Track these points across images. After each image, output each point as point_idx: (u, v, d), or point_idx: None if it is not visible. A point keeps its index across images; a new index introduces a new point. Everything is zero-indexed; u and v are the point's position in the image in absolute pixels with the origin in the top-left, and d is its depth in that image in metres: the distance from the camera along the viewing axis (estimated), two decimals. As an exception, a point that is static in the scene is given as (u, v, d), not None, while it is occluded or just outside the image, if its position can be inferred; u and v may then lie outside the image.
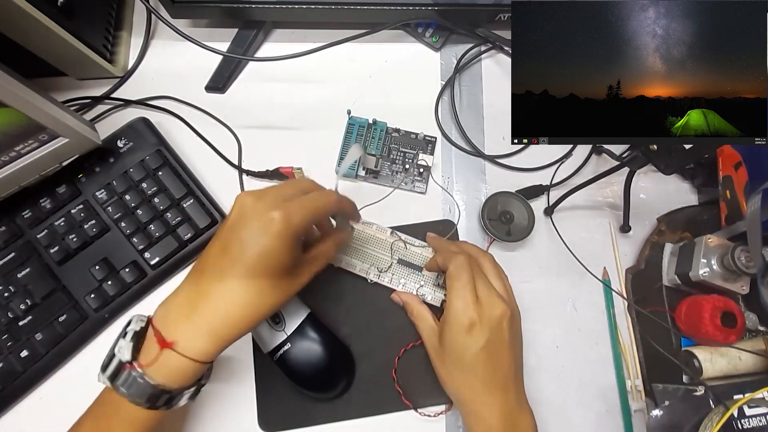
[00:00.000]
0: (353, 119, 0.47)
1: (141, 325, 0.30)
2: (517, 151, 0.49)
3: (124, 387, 0.29)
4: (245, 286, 0.29)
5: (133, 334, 0.30)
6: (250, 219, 0.29)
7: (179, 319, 0.30)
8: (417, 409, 0.41)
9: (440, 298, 0.42)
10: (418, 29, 0.51)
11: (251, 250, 0.29)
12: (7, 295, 0.40)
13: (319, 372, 0.39)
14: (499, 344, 0.35)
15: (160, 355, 0.29)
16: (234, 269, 0.29)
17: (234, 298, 0.29)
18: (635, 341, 0.43)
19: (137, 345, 0.29)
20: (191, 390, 0.31)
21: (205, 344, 0.29)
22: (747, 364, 0.40)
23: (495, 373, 0.35)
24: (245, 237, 0.29)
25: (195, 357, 0.29)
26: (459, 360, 0.35)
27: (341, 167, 0.39)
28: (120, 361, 0.29)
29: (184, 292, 0.31)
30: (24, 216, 0.42)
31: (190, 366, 0.29)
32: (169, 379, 0.29)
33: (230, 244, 0.30)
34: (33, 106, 0.33)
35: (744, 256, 0.38)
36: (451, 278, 0.36)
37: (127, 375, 0.29)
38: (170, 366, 0.29)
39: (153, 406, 0.29)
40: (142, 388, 0.29)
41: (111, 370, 0.29)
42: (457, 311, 0.35)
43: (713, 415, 0.36)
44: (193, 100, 0.49)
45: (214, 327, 0.29)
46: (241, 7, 0.46)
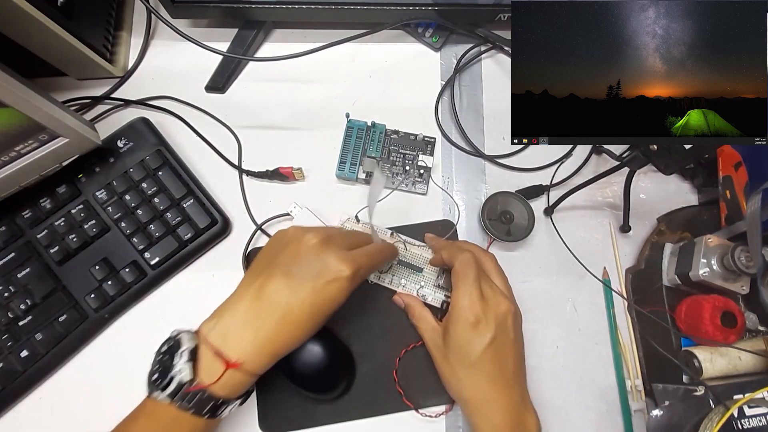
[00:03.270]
0: (352, 122, 0.47)
1: (193, 343, 0.31)
2: (517, 151, 0.49)
3: (186, 402, 0.30)
4: (308, 319, 0.32)
5: (189, 353, 0.31)
6: (324, 265, 0.32)
7: (242, 338, 0.31)
8: (418, 409, 0.41)
9: (440, 299, 0.42)
10: (418, 29, 0.51)
11: (319, 297, 0.32)
12: (7, 295, 0.40)
13: (319, 373, 0.39)
14: (505, 341, 0.35)
15: (224, 373, 0.30)
16: (300, 306, 0.32)
17: (296, 326, 0.32)
18: (635, 341, 0.43)
19: (194, 363, 0.31)
20: (243, 396, 0.33)
21: (265, 363, 0.32)
22: (747, 364, 0.40)
23: (501, 371, 0.35)
24: (318, 283, 0.32)
25: (257, 371, 0.32)
26: (464, 357, 0.35)
27: (370, 202, 0.37)
28: (181, 383, 0.30)
29: (242, 313, 0.32)
30: (24, 216, 0.42)
31: (251, 380, 0.32)
32: (231, 392, 0.31)
33: (299, 283, 0.32)
34: (33, 106, 0.33)
35: (744, 256, 0.38)
36: (457, 276, 0.36)
37: (192, 394, 0.30)
38: (234, 382, 0.31)
39: (213, 415, 0.31)
40: (207, 402, 0.30)
41: (172, 389, 0.30)
42: (464, 308, 0.35)
43: (713, 415, 0.36)
44: (193, 100, 0.49)
45: (275, 349, 0.32)
46: (241, 7, 0.46)
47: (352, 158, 0.46)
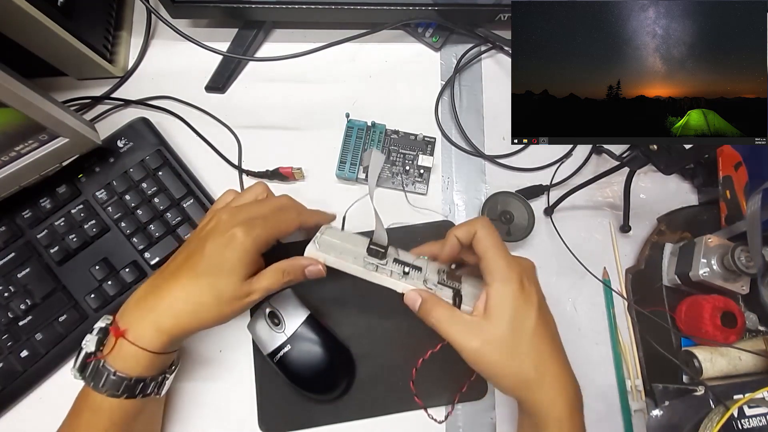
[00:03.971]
0: (352, 122, 0.47)
1: (107, 322, 0.33)
2: (517, 151, 0.49)
3: (90, 377, 0.31)
4: (196, 288, 0.32)
5: (98, 329, 0.32)
6: (217, 233, 0.33)
7: (133, 310, 0.32)
8: (426, 409, 0.41)
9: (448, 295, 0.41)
10: (418, 29, 0.51)
11: (209, 259, 0.32)
12: (7, 295, 0.40)
13: (319, 373, 0.39)
14: (542, 299, 0.33)
15: (115, 343, 0.31)
16: (190, 272, 0.32)
17: (183, 296, 0.32)
18: (635, 341, 0.43)
19: (102, 339, 0.32)
20: (155, 381, 0.33)
21: (150, 335, 0.31)
22: (747, 364, 0.39)
23: (554, 335, 0.32)
24: (208, 247, 0.32)
25: (143, 346, 0.31)
26: (522, 334, 0.31)
27: (370, 180, 0.37)
28: (86, 354, 0.31)
29: (142, 289, 0.33)
30: (24, 216, 0.42)
31: (143, 355, 0.31)
32: (125, 366, 0.31)
33: (194, 253, 0.33)
34: (33, 106, 0.33)
35: (744, 256, 0.38)
36: (482, 242, 0.32)
37: (92, 366, 0.31)
38: (126, 355, 0.31)
39: (115, 394, 0.31)
40: (104, 376, 0.31)
41: (79, 363, 0.32)
42: (505, 269, 0.31)
43: (713, 415, 0.36)
44: (193, 100, 0.49)
45: (159, 320, 0.31)
46: (241, 7, 0.46)
47: (352, 158, 0.46)
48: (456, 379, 0.42)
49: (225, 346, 0.42)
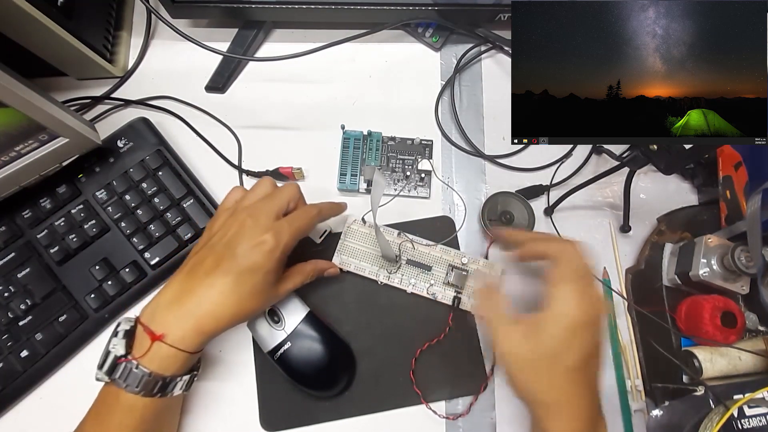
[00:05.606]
0: (348, 133, 0.47)
1: (130, 325, 0.33)
2: (517, 151, 0.49)
3: (121, 378, 0.31)
4: (231, 292, 0.33)
5: (124, 332, 0.33)
6: (246, 238, 0.34)
7: (168, 315, 0.33)
8: (429, 405, 0.41)
9: (451, 296, 0.42)
10: (418, 29, 0.51)
11: (242, 266, 0.33)
12: (7, 295, 0.40)
13: (319, 370, 0.39)
14: (599, 345, 0.33)
15: (151, 346, 0.32)
16: (226, 277, 0.33)
17: (220, 300, 0.33)
18: (635, 341, 0.43)
19: (129, 342, 0.32)
20: (184, 379, 0.34)
21: (190, 336, 0.32)
22: (747, 364, 0.39)
23: (590, 377, 0.32)
24: (239, 254, 0.33)
25: (182, 347, 0.32)
26: (559, 361, 0.31)
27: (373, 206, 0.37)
28: (115, 356, 0.32)
29: (172, 292, 0.34)
30: (24, 216, 0.42)
31: (180, 355, 0.32)
32: (161, 367, 0.32)
33: (224, 257, 0.33)
34: (33, 106, 0.33)
35: (744, 256, 0.38)
36: (564, 268, 0.32)
37: (123, 367, 0.32)
38: (161, 355, 0.32)
39: (148, 393, 0.32)
40: (138, 376, 0.31)
41: (108, 366, 0.32)
42: (575, 307, 0.31)
43: (713, 415, 0.36)
44: (193, 100, 0.49)
45: (201, 323, 0.33)
46: (241, 7, 0.46)
47: (352, 170, 0.46)
48: (457, 374, 0.42)
49: (225, 344, 0.42)
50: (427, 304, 0.43)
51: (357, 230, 0.44)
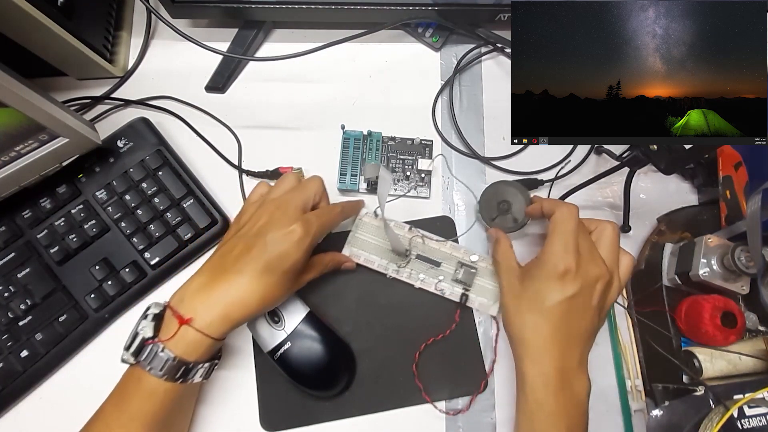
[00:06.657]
0: (348, 133, 0.47)
1: (160, 309, 0.34)
2: (517, 152, 0.49)
3: (146, 360, 0.32)
4: (260, 279, 0.34)
5: (153, 316, 0.34)
6: (275, 228, 0.35)
7: (196, 300, 0.33)
8: (434, 403, 0.41)
9: (459, 293, 0.42)
10: (418, 29, 0.51)
11: (272, 254, 0.34)
12: (7, 295, 0.40)
13: (319, 370, 0.39)
14: (584, 303, 0.34)
15: (179, 330, 0.32)
16: (255, 265, 0.34)
17: (249, 287, 0.34)
18: (635, 341, 0.43)
19: (157, 325, 0.34)
20: (206, 366, 0.35)
21: (217, 322, 0.33)
22: (747, 364, 0.40)
23: (568, 328, 0.34)
24: (269, 241, 0.34)
25: (208, 333, 0.33)
26: (538, 302, 0.34)
27: (380, 200, 0.38)
28: (143, 339, 0.33)
29: (201, 278, 0.35)
30: (24, 216, 0.42)
31: (205, 341, 0.33)
32: (186, 351, 0.33)
33: (254, 246, 0.34)
34: (33, 106, 0.33)
35: (744, 256, 0.38)
36: (555, 223, 0.36)
37: (150, 350, 0.32)
38: (188, 340, 0.33)
39: (172, 377, 0.32)
40: (163, 360, 0.32)
41: (135, 347, 0.33)
42: (555, 254, 0.34)
43: (713, 415, 0.36)
44: (193, 100, 0.49)
45: (229, 310, 0.33)
46: (241, 7, 0.46)
47: (352, 169, 0.46)
48: (457, 372, 0.42)
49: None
50: (426, 304, 0.43)
51: (368, 223, 0.44)
